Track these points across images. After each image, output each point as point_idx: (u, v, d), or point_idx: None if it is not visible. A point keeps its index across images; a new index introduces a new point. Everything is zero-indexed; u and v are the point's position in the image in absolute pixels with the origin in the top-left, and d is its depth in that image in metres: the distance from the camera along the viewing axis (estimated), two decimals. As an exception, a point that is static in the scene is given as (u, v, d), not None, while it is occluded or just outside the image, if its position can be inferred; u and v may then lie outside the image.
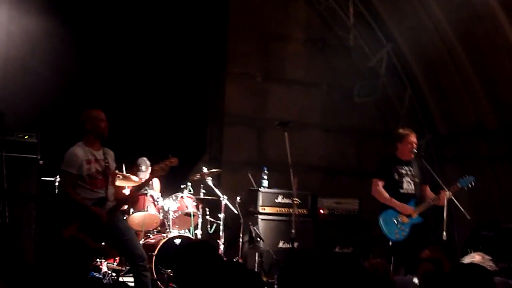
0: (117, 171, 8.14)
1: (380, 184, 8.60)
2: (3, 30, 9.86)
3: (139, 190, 7.88)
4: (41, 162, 8.58)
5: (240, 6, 11.77)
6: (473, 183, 8.40)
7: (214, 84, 11.79)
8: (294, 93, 12.23)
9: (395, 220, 8.43)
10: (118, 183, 8.76)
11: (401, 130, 8.88)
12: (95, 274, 8.75)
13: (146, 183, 7.98)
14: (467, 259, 6.12)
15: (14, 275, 6.26)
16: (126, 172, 9.28)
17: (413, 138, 8.66)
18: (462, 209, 8.42)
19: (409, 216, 8.42)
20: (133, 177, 9.25)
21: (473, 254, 6.22)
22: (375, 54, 11.75)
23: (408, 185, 8.57)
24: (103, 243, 7.16)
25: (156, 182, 9.75)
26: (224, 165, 11.28)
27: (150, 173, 7.69)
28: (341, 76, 12.21)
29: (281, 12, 12.10)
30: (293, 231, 8.53)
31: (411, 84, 12.02)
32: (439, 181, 8.71)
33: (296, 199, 8.85)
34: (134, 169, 9.54)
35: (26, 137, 8.54)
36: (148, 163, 9.55)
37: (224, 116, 11.75)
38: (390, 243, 8.44)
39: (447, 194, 8.25)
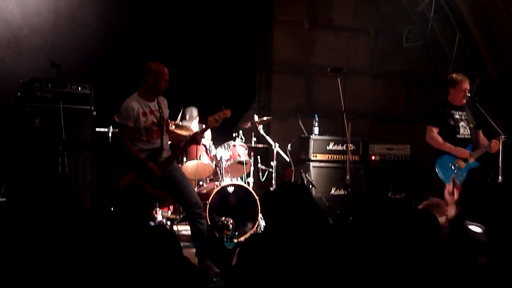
0: (170, 121, 8.17)
1: (435, 130, 8.46)
2: (52, -17, 9.90)
3: (202, 134, 7.92)
4: (94, 113, 8.65)
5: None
6: None
7: (261, 32, 11.74)
8: (341, 40, 12.18)
9: (451, 165, 8.35)
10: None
11: (454, 75, 8.67)
12: (150, 222, 8.87)
13: (202, 133, 8.01)
14: None
15: (74, 223, 6.36)
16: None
17: (466, 85, 8.50)
18: (517, 152, 8.37)
19: (465, 160, 8.36)
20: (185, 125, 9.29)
21: None
22: (424, -2, 11.59)
23: (464, 130, 8.44)
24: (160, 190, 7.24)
25: (207, 131, 9.79)
26: (273, 112, 11.29)
27: (205, 124, 7.67)
28: (389, 21, 12.10)
29: (327, -43, 12.00)
30: (348, 177, 8.53)
31: (461, 28, 11.82)
32: (494, 126, 8.63)
33: (351, 145, 8.84)
34: (180, 117, 9.59)
35: (80, 88, 8.60)
36: (195, 113, 9.59)
37: (272, 64, 11.75)
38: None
39: (502, 138, 8.20)
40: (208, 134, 9.74)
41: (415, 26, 11.80)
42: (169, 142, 7.49)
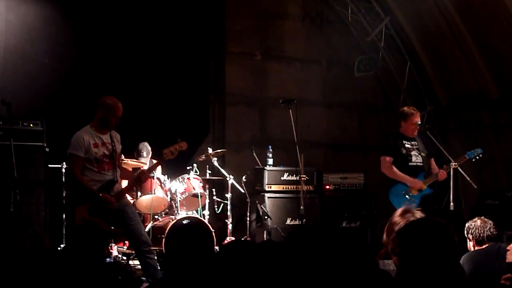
0: (122, 157, 8.14)
1: (389, 160, 8.65)
2: (2, 20, 9.84)
3: (150, 173, 7.94)
4: (47, 149, 8.60)
5: (236, -16, 11.76)
6: (480, 155, 8.52)
7: (214, 65, 11.76)
8: (294, 71, 12.23)
9: (404, 193, 8.50)
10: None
11: (406, 109, 8.91)
12: (106, 259, 8.78)
13: (155, 167, 8.05)
14: (468, 223, 6.26)
15: (32, 260, 6.27)
16: (126, 157, 9.22)
17: (417, 118, 8.73)
18: (468, 178, 8.55)
19: (418, 189, 8.50)
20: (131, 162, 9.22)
21: (475, 219, 6.32)
22: (374, 28, 11.71)
23: (416, 158, 8.66)
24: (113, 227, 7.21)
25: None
26: (228, 145, 11.28)
27: (160, 157, 7.70)
28: (341, 51, 12.21)
29: (278, -11, 12.11)
30: (302, 207, 8.58)
31: (411, 57, 12.01)
32: (445, 153, 8.79)
33: (304, 176, 8.89)
34: (134, 153, 9.53)
35: (32, 125, 8.57)
36: (149, 148, 9.56)
37: (225, 96, 11.74)
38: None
39: (452, 165, 8.37)
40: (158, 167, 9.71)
41: (366, 56, 11.93)
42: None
